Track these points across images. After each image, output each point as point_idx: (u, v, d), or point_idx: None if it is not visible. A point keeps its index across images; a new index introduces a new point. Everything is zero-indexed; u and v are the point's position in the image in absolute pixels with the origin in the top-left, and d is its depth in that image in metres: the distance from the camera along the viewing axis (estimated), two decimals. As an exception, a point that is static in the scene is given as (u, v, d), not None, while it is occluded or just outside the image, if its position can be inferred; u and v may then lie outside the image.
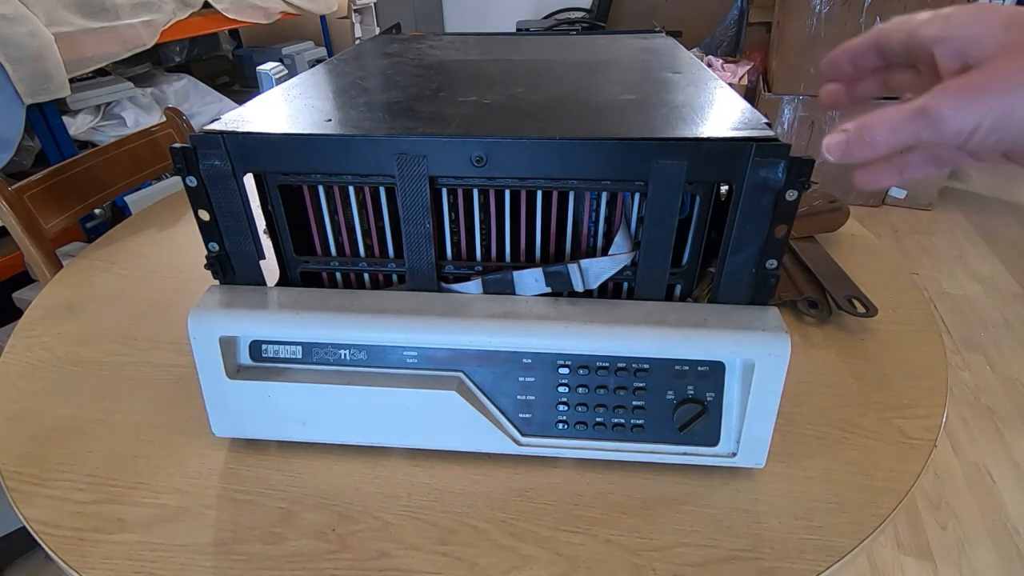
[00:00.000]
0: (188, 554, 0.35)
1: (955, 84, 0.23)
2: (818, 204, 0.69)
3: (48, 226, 0.78)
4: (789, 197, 0.34)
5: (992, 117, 0.23)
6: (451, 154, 0.35)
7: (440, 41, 0.66)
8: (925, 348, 0.52)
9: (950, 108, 0.23)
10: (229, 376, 0.39)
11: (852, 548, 0.35)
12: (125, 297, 0.61)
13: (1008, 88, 0.22)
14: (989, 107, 0.23)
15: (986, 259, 1.92)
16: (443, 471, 0.41)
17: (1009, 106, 0.22)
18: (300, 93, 0.44)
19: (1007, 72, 0.23)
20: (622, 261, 0.38)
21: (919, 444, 0.42)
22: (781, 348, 0.35)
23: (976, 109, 0.23)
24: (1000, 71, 0.23)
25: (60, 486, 0.40)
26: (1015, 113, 0.22)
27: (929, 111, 0.24)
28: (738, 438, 0.38)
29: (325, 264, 0.42)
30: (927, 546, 1.05)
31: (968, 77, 0.23)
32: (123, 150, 0.91)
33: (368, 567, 0.35)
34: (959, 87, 0.23)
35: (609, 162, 0.35)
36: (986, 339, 1.55)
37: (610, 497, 0.39)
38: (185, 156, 0.36)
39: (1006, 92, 0.22)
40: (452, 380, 0.39)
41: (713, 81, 0.46)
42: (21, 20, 0.97)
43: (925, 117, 0.24)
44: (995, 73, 0.23)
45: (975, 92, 0.23)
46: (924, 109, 0.24)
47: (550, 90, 0.44)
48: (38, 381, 0.50)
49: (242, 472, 0.41)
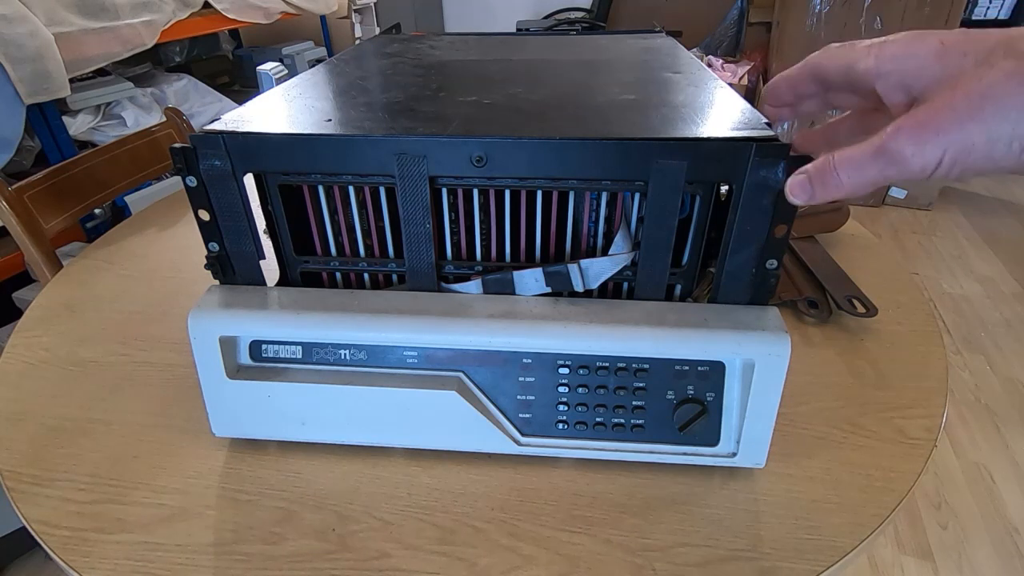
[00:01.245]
0: (188, 554, 0.35)
1: (908, 124, 0.24)
2: (818, 204, 0.69)
3: (48, 226, 0.78)
4: (789, 197, 0.34)
5: (952, 151, 0.23)
6: (451, 154, 0.35)
7: (440, 41, 0.66)
8: (925, 348, 0.52)
9: (909, 147, 0.24)
10: (229, 376, 0.39)
11: (852, 548, 0.35)
12: (125, 297, 0.61)
13: (959, 122, 0.23)
14: (947, 143, 0.23)
15: (986, 259, 1.92)
16: (443, 471, 0.41)
17: (966, 140, 0.23)
18: (300, 93, 0.44)
19: (955, 106, 0.23)
20: (622, 261, 0.38)
21: (919, 444, 0.42)
22: (781, 348, 0.35)
23: (935, 146, 0.23)
24: (947, 106, 0.23)
25: (60, 486, 0.40)
26: (972, 146, 0.23)
27: (889, 151, 0.24)
28: (738, 438, 0.38)
29: (325, 264, 0.42)
30: (927, 546, 1.05)
31: (918, 116, 0.24)
32: (123, 150, 0.91)
33: (368, 567, 0.35)
34: (913, 127, 0.24)
35: (609, 162, 0.35)
36: (986, 339, 1.55)
37: (610, 497, 0.39)
38: (185, 156, 0.36)
39: (959, 126, 0.23)
40: (452, 380, 0.39)
41: (713, 81, 0.46)
42: (21, 20, 0.97)
43: (886, 156, 0.24)
44: (942, 109, 0.23)
45: (930, 131, 0.23)
46: (884, 150, 0.24)
47: (550, 90, 0.44)
48: (38, 381, 0.50)
49: (242, 472, 0.41)
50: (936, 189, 2.20)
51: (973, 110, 0.22)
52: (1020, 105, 0.22)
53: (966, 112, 0.22)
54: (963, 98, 0.23)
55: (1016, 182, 2.46)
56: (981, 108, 0.22)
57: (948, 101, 0.23)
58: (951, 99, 0.23)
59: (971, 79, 0.23)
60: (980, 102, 0.22)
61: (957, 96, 0.23)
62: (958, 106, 0.23)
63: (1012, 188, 2.41)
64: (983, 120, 0.22)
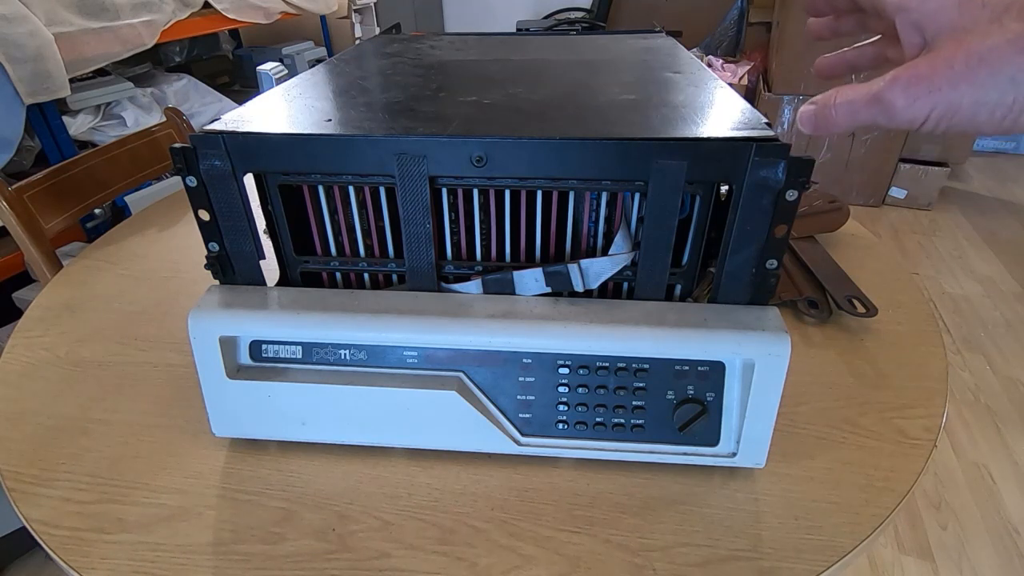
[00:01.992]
0: (188, 554, 0.35)
1: (905, 76, 0.24)
2: (818, 204, 0.69)
3: (48, 226, 0.78)
4: (789, 197, 0.34)
5: (940, 109, 0.23)
6: (451, 154, 0.35)
7: (440, 41, 0.66)
8: (925, 348, 0.52)
9: (901, 100, 0.24)
10: (229, 376, 0.39)
11: (852, 548, 0.35)
12: (125, 297, 0.61)
13: (953, 82, 0.23)
14: (936, 100, 0.23)
15: (986, 259, 1.92)
16: (443, 471, 0.41)
17: (955, 100, 0.23)
18: (300, 93, 0.44)
19: (953, 63, 0.23)
20: (622, 261, 0.39)
21: (919, 444, 0.42)
22: (781, 348, 0.35)
23: (925, 102, 0.24)
24: (946, 62, 0.23)
25: (60, 486, 0.40)
26: (960, 107, 0.23)
27: (883, 100, 0.25)
28: (738, 438, 0.38)
29: (325, 264, 0.42)
30: (927, 546, 1.05)
31: (918, 68, 0.24)
32: (123, 150, 0.91)
33: (368, 567, 0.35)
34: (909, 79, 0.24)
35: (609, 162, 0.35)
36: (986, 339, 1.55)
37: (610, 497, 0.39)
38: (185, 156, 0.36)
39: (951, 86, 0.23)
40: (452, 380, 0.39)
41: (713, 81, 0.46)
42: (21, 20, 0.97)
43: (880, 105, 0.25)
44: (942, 64, 0.23)
45: (923, 85, 0.24)
46: (879, 98, 0.25)
47: (550, 90, 0.44)
48: (38, 381, 0.50)
49: (242, 472, 0.41)
50: (936, 189, 2.20)
51: (969, 71, 0.23)
52: (1012, 74, 0.22)
53: (962, 72, 0.23)
54: (963, 57, 0.23)
55: (1016, 182, 2.46)
56: (976, 71, 0.22)
57: (948, 57, 0.23)
58: (952, 55, 0.23)
59: (978, 36, 0.23)
60: (977, 64, 0.22)
61: (958, 54, 0.23)
62: (956, 65, 0.23)
63: (1012, 188, 2.41)
64: (975, 83, 0.22)
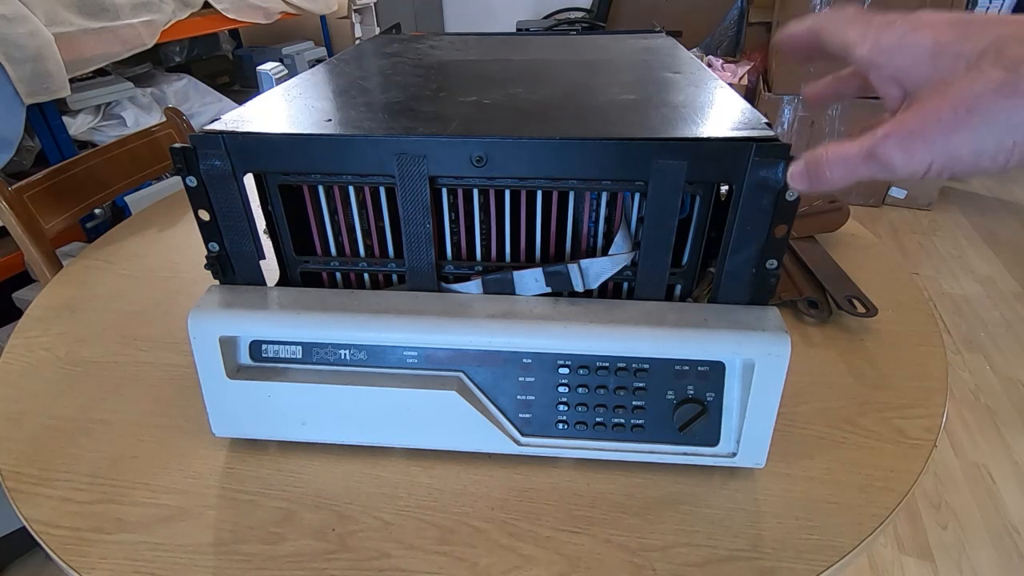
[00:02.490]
0: (188, 554, 0.35)
1: (897, 132, 0.24)
2: (818, 204, 0.69)
3: (48, 226, 0.78)
4: (789, 197, 0.34)
5: (940, 160, 0.23)
6: (451, 154, 0.35)
7: (440, 41, 0.66)
8: (925, 348, 0.52)
9: (898, 156, 0.24)
10: (229, 376, 0.39)
11: (852, 548, 0.35)
12: (125, 297, 0.61)
13: (946, 134, 0.23)
14: (934, 153, 0.23)
15: (986, 259, 1.92)
16: (443, 471, 0.41)
17: (954, 150, 0.23)
18: (300, 93, 0.44)
19: (941, 116, 0.23)
20: (622, 261, 0.38)
21: (919, 444, 0.42)
22: (781, 348, 0.35)
23: (923, 155, 0.24)
24: (934, 115, 0.23)
25: (60, 486, 0.40)
26: (959, 156, 0.23)
27: (880, 157, 0.25)
28: (738, 438, 0.38)
29: (325, 264, 0.42)
30: (927, 546, 1.05)
31: (907, 123, 0.24)
32: (123, 150, 0.91)
33: (368, 567, 0.35)
34: (902, 136, 0.24)
35: (609, 162, 0.35)
36: (986, 339, 1.55)
37: (610, 497, 0.39)
38: (185, 156, 0.36)
39: (946, 138, 0.23)
40: (452, 380, 0.39)
41: (713, 81, 0.46)
42: (21, 20, 0.97)
43: (877, 161, 0.25)
44: (930, 119, 0.23)
45: (918, 141, 0.24)
46: (874, 155, 0.25)
47: (550, 90, 0.44)
48: (38, 381, 0.50)
49: (242, 472, 0.41)
50: (936, 189, 2.20)
51: (960, 122, 0.22)
52: (1005, 120, 0.22)
53: (952, 124, 0.23)
54: (950, 109, 0.23)
55: (1016, 182, 2.46)
56: (968, 121, 0.22)
57: (936, 110, 0.23)
58: (939, 108, 0.23)
59: (960, 86, 0.23)
60: (967, 115, 0.22)
61: (945, 106, 0.23)
62: (945, 117, 0.23)
63: (1012, 188, 2.41)
64: (969, 131, 0.22)
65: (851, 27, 0.28)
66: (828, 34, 0.29)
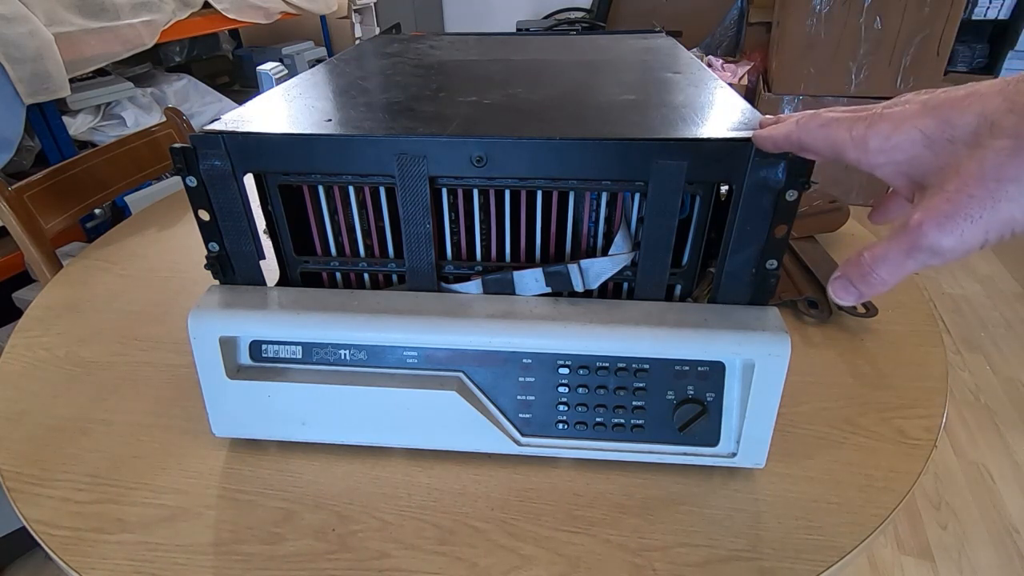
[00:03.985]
0: (188, 554, 0.35)
1: (935, 218, 0.23)
2: (818, 204, 0.69)
3: (48, 226, 0.78)
4: (789, 197, 0.34)
5: (994, 230, 0.23)
6: (451, 154, 0.35)
7: (440, 41, 0.66)
8: (925, 348, 0.52)
9: (948, 240, 0.23)
10: (229, 376, 0.39)
11: (852, 548, 0.35)
12: (125, 297, 0.61)
13: (987, 207, 0.22)
14: (986, 225, 0.23)
15: (986, 259, 1.92)
16: (443, 471, 0.40)
17: (1005, 216, 0.22)
18: (300, 93, 0.44)
19: (973, 194, 0.23)
20: (622, 261, 0.38)
21: (919, 444, 0.42)
22: (781, 348, 0.35)
23: (975, 231, 0.23)
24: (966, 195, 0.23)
25: (60, 486, 0.40)
26: (1013, 219, 0.22)
27: (927, 247, 0.24)
28: (738, 438, 0.38)
29: (325, 264, 0.42)
30: (927, 546, 1.05)
31: (942, 208, 0.23)
32: (123, 150, 0.91)
33: (368, 567, 0.35)
34: (942, 220, 0.23)
35: (609, 162, 0.35)
36: (986, 339, 1.55)
37: (610, 497, 0.39)
38: (185, 156, 0.36)
39: (990, 210, 0.22)
40: (452, 380, 0.39)
41: (713, 81, 0.46)
42: (21, 20, 0.97)
43: (925, 252, 0.24)
44: (962, 199, 0.23)
45: (962, 221, 0.23)
46: (920, 247, 0.24)
47: (550, 90, 0.44)
48: (38, 381, 0.50)
49: (242, 472, 0.41)
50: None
51: (996, 193, 0.22)
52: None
53: (989, 197, 0.22)
54: (978, 185, 0.23)
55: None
56: (1004, 190, 0.22)
57: (962, 190, 0.23)
58: (965, 188, 0.23)
59: (972, 165, 0.23)
60: (996, 185, 0.22)
61: (971, 185, 0.23)
62: (977, 194, 0.23)
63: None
64: (1012, 199, 0.22)
65: (832, 132, 0.28)
66: (812, 143, 0.29)
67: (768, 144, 0.32)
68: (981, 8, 2.26)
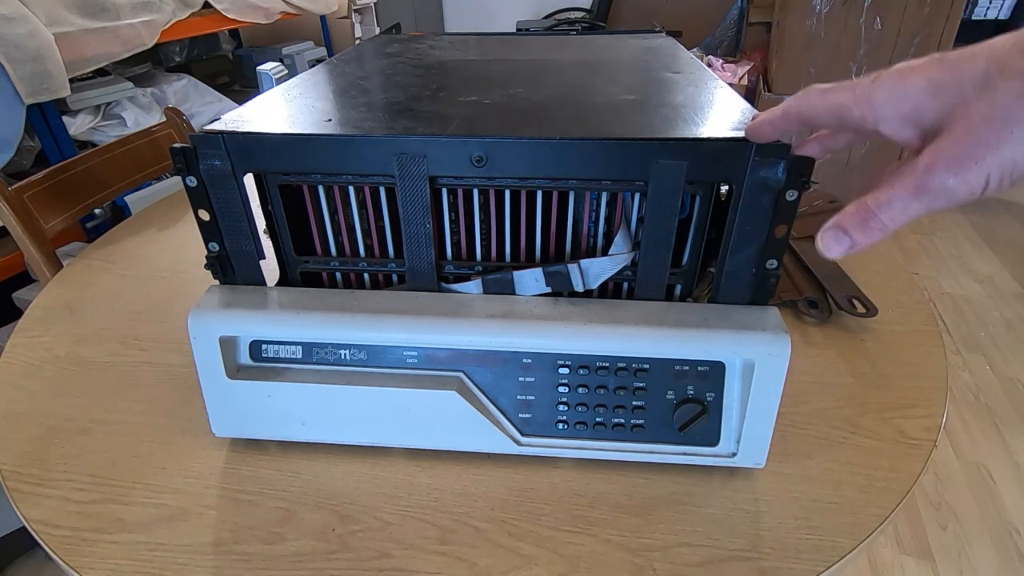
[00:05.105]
0: (188, 554, 0.35)
1: (942, 160, 0.24)
2: (818, 204, 0.69)
3: (48, 226, 0.78)
4: (789, 197, 0.34)
5: (996, 172, 0.23)
6: (451, 154, 0.35)
7: (440, 41, 0.66)
8: (925, 348, 0.52)
9: (952, 180, 0.24)
10: (229, 376, 0.39)
11: (852, 548, 0.35)
12: (125, 297, 0.61)
13: (992, 148, 0.23)
14: (988, 167, 0.23)
15: (986, 259, 1.92)
16: (443, 471, 0.40)
17: (1006, 159, 0.23)
18: (300, 93, 0.44)
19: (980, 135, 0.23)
20: (622, 261, 0.38)
21: (919, 444, 0.42)
22: (781, 348, 0.35)
23: (978, 172, 0.23)
24: (973, 136, 0.23)
25: (60, 486, 0.40)
26: (1015, 162, 0.23)
27: (932, 188, 0.24)
28: (738, 438, 0.38)
29: (325, 264, 0.42)
30: (927, 546, 1.05)
31: (948, 150, 0.24)
32: (123, 150, 0.91)
33: (368, 567, 0.35)
34: (948, 161, 0.24)
35: (609, 162, 0.35)
36: (986, 339, 1.55)
37: (610, 497, 0.39)
38: (185, 156, 0.36)
39: (994, 152, 0.23)
40: (452, 380, 0.39)
41: (713, 81, 0.46)
42: (21, 20, 0.97)
43: (930, 193, 0.24)
44: (969, 140, 0.23)
45: (967, 161, 0.23)
46: (926, 188, 0.24)
47: (550, 90, 0.44)
48: (38, 381, 0.50)
49: (242, 472, 0.41)
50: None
51: (1001, 134, 0.22)
52: None
53: (995, 138, 0.23)
54: (985, 126, 0.23)
55: (1016, 182, 2.45)
56: (1008, 131, 0.22)
57: (971, 131, 0.23)
58: (972, 130, 0.23)
59: (982, 106, 0.23)
60: (1003, 126, 0.22)
61: (978, 126, 0.23)
62: (984, 134, 0.23)
63: (1012, 189, 2.40)
64: (1013, 140, 0.22)
65: (832, 96, 0.28)
66: (811, 110, 0.29)
67: (765, 128, 0.32)
68: (981, 8, 2.26)
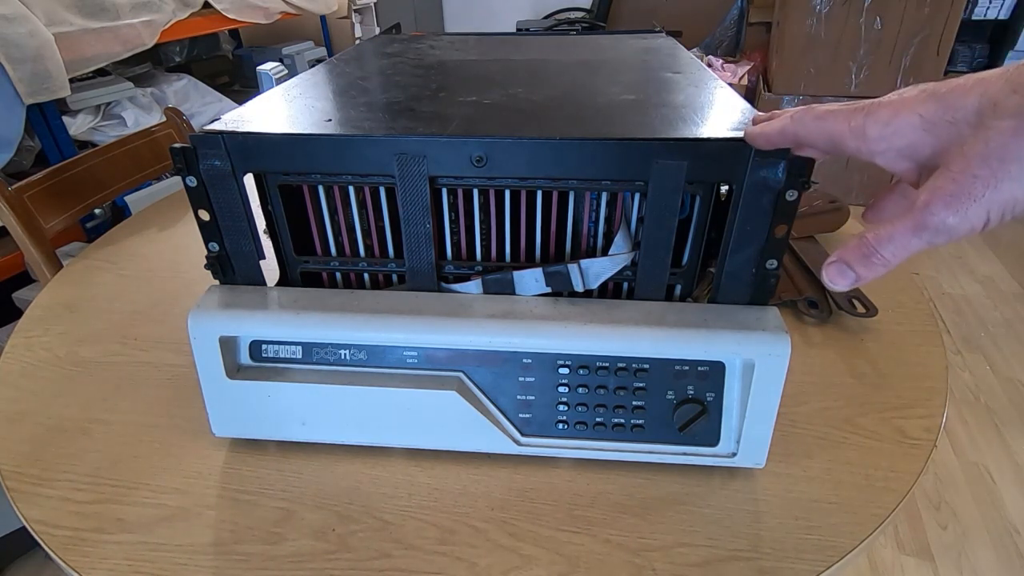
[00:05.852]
0: (188, 554, 0.35)
1: (940, 198, 0.24)
2: (818, 204, 0.69)
3: (48, 226, 0.78)
4: (789, 197, 0.34)
5: (996, 209, 0.23)
6: (451, 154, 0.35)
7: (440, 41, 0.66)
8: (925, 348, 0.52)
9: (952, 218, 0.24)
10: (229, 376, 0.39)
11: (852, 548, 0.35)
12: (125, 297, 0.61)
13: (990, 186, 0.23)
14: (988, 204, 0.23)
15: (986, 259, 1.92)
16: (443, 471, 0.40)
17: (1007, 196, 0.23)
18: (300, 93, 0.44)
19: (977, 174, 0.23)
20: (622, 261, 0.38)
21: (919, 444, 0.42)
22: (781, 348, 0.35)
23: (978, 210, 0.23)
24: (969, 175, 0.23)
25: (60, 486, 0.40)
26: (1015, 199, 0.23)
27: (931, 226, 0.24)
28: (738, 438, 0.38)
29: (325, 264, 0.42)
30: (927, 546, 1.05)
31: (946, 188, 0.24)
32: (123, 150, 0.91)
33: (368, 567, 0.35)
34: (946, 199, 0.24)
35: (609, 162, 0.35)
36: (986, 339, 1.55)
37: (610, 497, 0.39)
38: (185, 156, 0.36)
39: (993, 189, 0.23)
40: (452, 380, 0.39)
41: (713, 81, 0.46)
42: (21, 20, 0.97)
43: (929, 230, 0.24)
44: (966, 178, 0.23)
45: (965, 199, 0.23)
46: (925, 225, 0.24)
47: (550, 90, 0.44)
48: (38, 381, 0.50)
49: (242, 472, 0.41)
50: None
51: (999, 173, 0.23)
52: None
53: (992, 177, 0.23)
54: (981, 164, 0.23)
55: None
56: (1006, 170, 0.22)
57: (966, 170, 0.23)
58: (968, 168, 0.23)
59: (977, 144, 0.23)
60: (1001, 165, 0.22)
61: (974, 164, 0.23)
62: (980, 173, 0.23)
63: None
64: (1014, 178, 0.22)
65: (828, 124, 0.28)
66: (808, 136, 0.29)
67: (761, 140, 0.32)
68: (981, 8, 2.26)
